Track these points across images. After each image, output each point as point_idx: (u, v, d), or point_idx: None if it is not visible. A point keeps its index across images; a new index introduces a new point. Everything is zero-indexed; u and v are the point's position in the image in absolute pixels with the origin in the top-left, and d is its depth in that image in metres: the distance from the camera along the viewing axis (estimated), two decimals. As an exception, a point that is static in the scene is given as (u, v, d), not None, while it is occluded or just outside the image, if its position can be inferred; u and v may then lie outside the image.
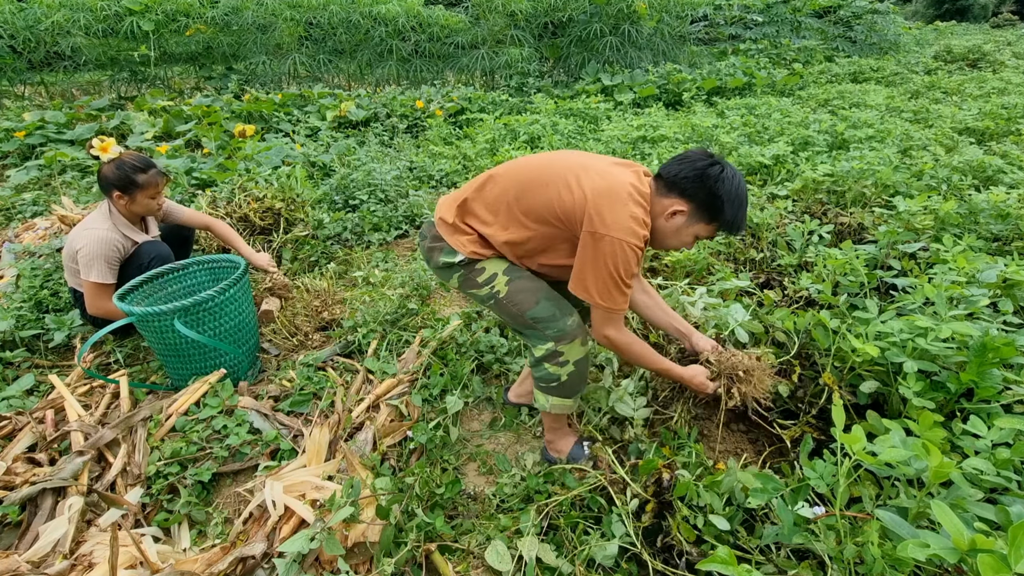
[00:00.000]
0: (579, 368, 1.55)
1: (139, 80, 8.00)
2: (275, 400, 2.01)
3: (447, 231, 1.56)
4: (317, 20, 7.92)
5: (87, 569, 1.39)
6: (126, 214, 2.33)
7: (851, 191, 3.08)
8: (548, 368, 1.54)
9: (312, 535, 1.28)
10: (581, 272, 1.39)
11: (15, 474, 1.63)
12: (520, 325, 1.55)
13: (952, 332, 1.40)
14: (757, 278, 2.49)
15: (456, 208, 1.57)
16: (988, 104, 5.01)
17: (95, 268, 2.16)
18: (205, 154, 4.63)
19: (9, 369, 2.26)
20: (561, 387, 1.57)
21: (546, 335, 1.52)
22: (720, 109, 5.81)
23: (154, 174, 2.30)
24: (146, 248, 2.33)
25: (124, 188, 2.25)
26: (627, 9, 8.15)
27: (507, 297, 1.52)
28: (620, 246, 1.33)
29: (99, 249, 2.17)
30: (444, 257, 1.56)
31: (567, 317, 1.52)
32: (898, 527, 0.94)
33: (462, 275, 1.57)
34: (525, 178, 1.49)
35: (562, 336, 1.51)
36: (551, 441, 1.75)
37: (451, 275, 1.59)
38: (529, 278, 1.55)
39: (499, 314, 1.59)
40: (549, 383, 1.57)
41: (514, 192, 1.48)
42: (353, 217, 3.51)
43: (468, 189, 1.59)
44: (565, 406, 1.62)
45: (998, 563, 0.74)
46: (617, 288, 1.37)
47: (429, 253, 1.61)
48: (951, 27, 16.04)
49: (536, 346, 1.55)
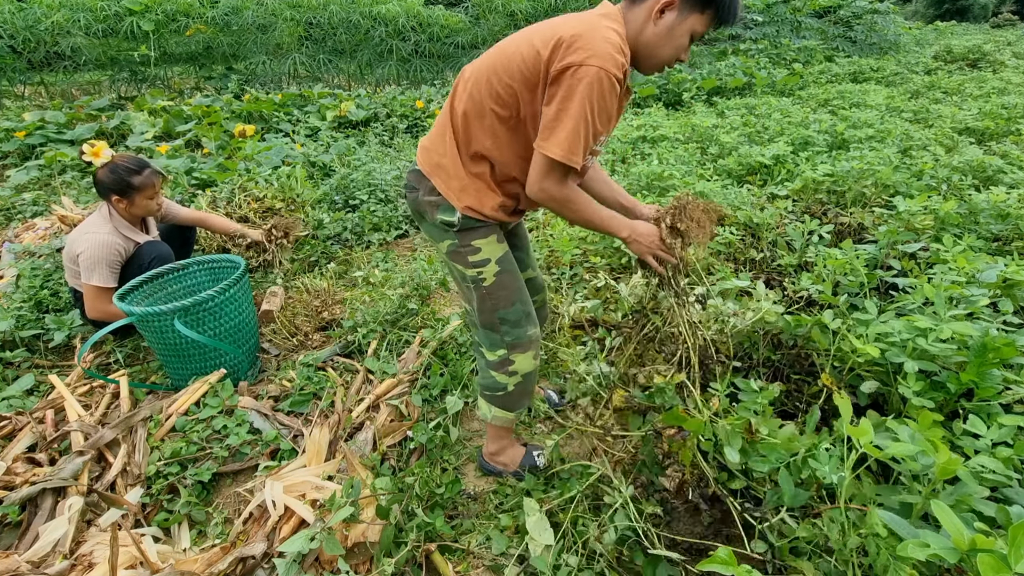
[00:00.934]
0: (526, 381, 1.53)
1: (139, 80, 8.00)
2: (275, 400, 2.01)
3: (441, 175, 1.40)
4: (317, 20, 7.93)
5: (87, 569, 1.39)
6: (126, 216, 2.34)
7: (851, 191, 3.09)
8: (495, 376, 1.52)
9: (312, 535, 1.28)
10: (551, 122, 1.21)
11: (15, 474, 1.63)
12: (485, 321, 1.50)
13: (952, 332, 1.40)
14: (757, 278, 2.49)
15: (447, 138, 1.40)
16: (988, 104, 5.01)
17: (96, 272, 2.16)
18: (205, 154, 4.63)
19: (9, 369, 2.26)
20: (506, 397, 1.54)
21: (504, 340, 1.48)
22: (720, 109, 5.81)
23: (149, 174, 2.29)
24: (147, 248, 2.33)
25: (121, 192, 2.25)
26: (627, 9, 8.14)
27: (489, 288, 1.45)
28: (596, 76, 1.15)
29: (101, 253, 2.17)
30: (442, 215, 1.40)
31: (531, 327, 1.49)
32: (898, 527, 0.93)
33: (454, 244, 1.44)
34: (492, 58, 1.33)
35: (518, 344, 1.48)
36: (494, 453, 1.70)
37: (443, 238, 1.45)
38: (515, 274, 1.49)
39: (471, 300, 1.51)
40: (495, 392, 1.54)
41: (486, 76, 1.31)
42: (353, 217, 3.51)
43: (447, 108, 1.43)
44: (507, 419, 1.60)
45: (998, 563, 0.74)
46: (585, 135, 1.20)
47: (422, 208, 1.45)
48: (951, 27, 16.03)
49: (489, 349, 1.52)
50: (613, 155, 4.23)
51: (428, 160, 1.43)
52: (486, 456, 1.73)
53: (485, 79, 1.30)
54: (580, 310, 2.33)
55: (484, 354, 1.54)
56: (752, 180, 3.66)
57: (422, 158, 1.45)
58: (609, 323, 2.27)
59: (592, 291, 2.44)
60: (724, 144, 4.13)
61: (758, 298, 1.76)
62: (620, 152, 4.28)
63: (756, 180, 3.64)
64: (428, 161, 1.43)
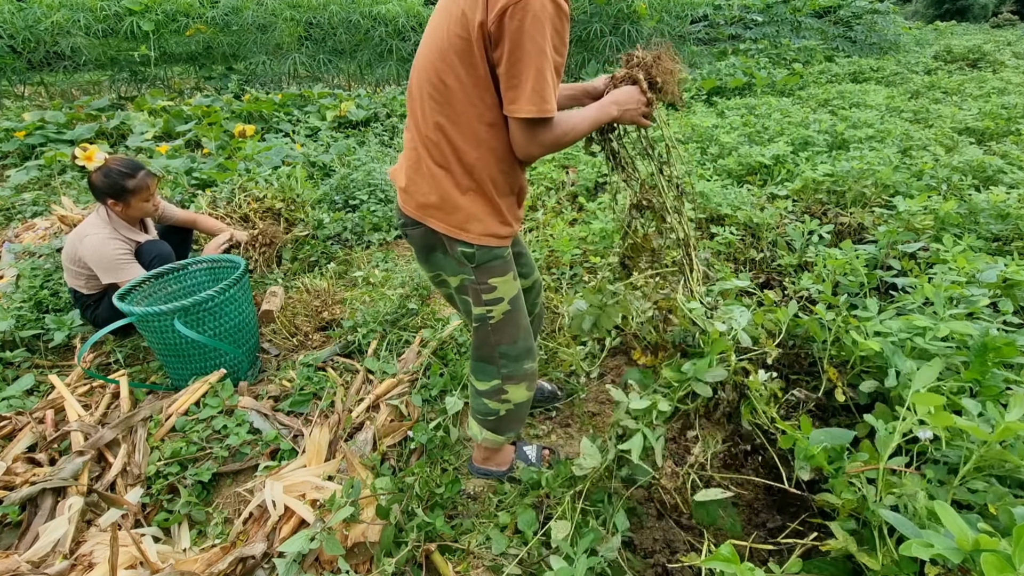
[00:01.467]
0: (519, 409, 1.52)
1: (139, 80, 8.00)
2: (275, 400, 2.01)
3: (437, 215, 1.27)
4: (317, 20, 7.93)
5: (87, 569, 1.39)
6: (125, 219, 2.35)
7: (851, 191, 3.08)
8: (488, 403, 1.50)
9: (312, 535, 1.28)
10: (511, 80, 1.10)
11: (15, 474, 1.63)
12: (483, 354, 1.45)
13: (951, 332, 1.39)
14: (757, 278, 2.49)
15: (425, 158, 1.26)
16: (988, 104, 5.01)
17: (126, 269, 2.21)
18: (205, 154, 4.63)
19: (9, 369, 2.26)
20: (498, 422, 1.53)
21: (500, 372, 1.45)
22: (720, 109, 5.81)
23: (143, 177, 2.28)
24: (147, 247, 2.34)
25: (117, 195, 2.25)
26: (627, 9, 8.15)
27: (495, 326, 1.39)
28: (539, 5, 1.04)
29: (113, 254, 2.21)
30: (462, 247, 1.29)
31: (529, 361, 1.47)
32: (902, 526, 0.93)
33: (470, 280, 1.34)
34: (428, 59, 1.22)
35: (513, 377, 1.45)
36: (487, 458, 1.68)
37: (458, 272, 1.35)
38: (523, 311, 1.43)
39: (473, 332, 1.45)
40: (487, 416, 1.52)
41: (435, 78, 1.19)
42: (353, 217, 3.51)
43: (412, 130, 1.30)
44: (497, 442, 1.59)
45: (1003, 563, 0.74)
46: (551, 76, 1.11)
47: (433, 241, 1.32)
48: (951, 27, 16.03)
49: (481, 380, 1.48)
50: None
51: (413, 203, 1.30)
52: (476, 462, 1.71)
53: (437, 81, 1.18)
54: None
55: (475, 385, 1.51)
56: (752, 180, 3.66)
57: (405, 202, 1.32)
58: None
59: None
60: (724, 144, 4.13)
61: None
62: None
63: (756, 180, 3.64)
64: (414, 204, 1.30)
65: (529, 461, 1.69)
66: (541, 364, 2.18)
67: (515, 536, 1.48)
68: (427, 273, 1.47)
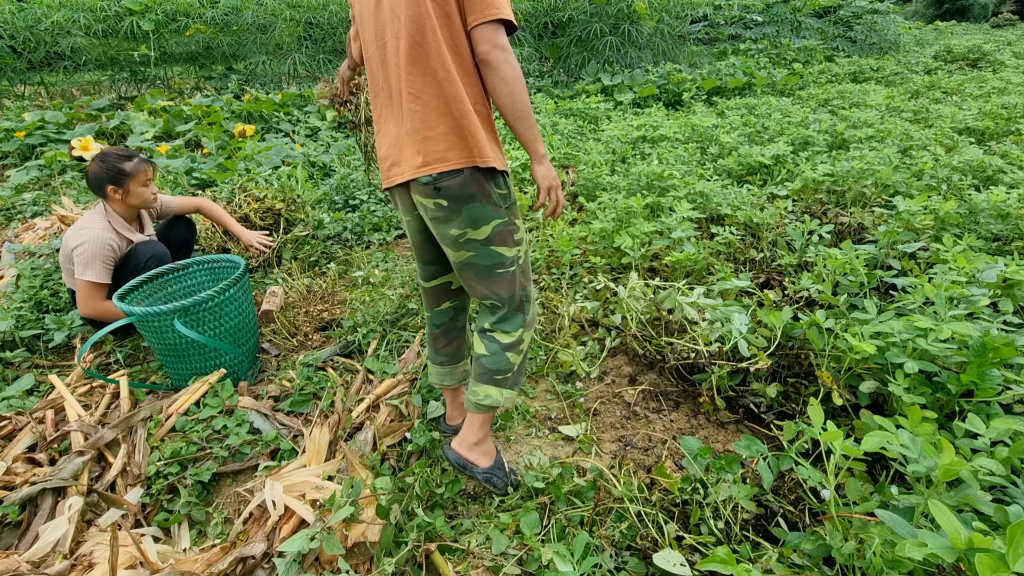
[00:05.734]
0: (525, 357, 1.53)
1: (139, 80, 8.01)
2: (275, 400, 2.01)
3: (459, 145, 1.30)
4: (317, 20, 7.92)
5: (87, 569, 1.39)
6: (123, 211, 2.34)
7: (851, 191, 3.09)
8: (508, 356, 1.47)
9: (312, 534, 1.28)
10: None
11: (15, 474, 1.63)
12: (516, 302, 1.45)
13: (952, 332, 1.40)
14: (757, 278, 2.50)
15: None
16: (988, 104, 5.01)
17: (91, 268, 2.16)
18: (205, 154, 4.63)
19: (9, 369, 2.26)
20: (514, 376, 1.51)
21: (524, 318, 1.46)
22: (720, 109, 5.81)
23: (139, 161, 2.33)
24: (142, 248, 2.32)
25: (116, 180, 2.26)
26: (627, 9, 8.15)
27: (523, 264, 1.42)
28: None
29: (96, 248, 2.17)
30: (496, 187, 1.35)
31: (536, 304, 1.51)
32: (898, 527, 0.94)
33: (502, 224, 1.37)
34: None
35: (529, 321, 1.49)
36: (479, 441, 1.56)
37: (492, 218, 1.35)
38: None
39: (502, 283, 1.42)
40: (504, 374, 1.48)
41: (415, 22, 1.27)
42: (353, 217, 3.51)
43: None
44: (513, 397, 1.55)
45: (996, 562, 0.74)
46: None
47: (471, 189, 1.31)
48: (951, 27, 16.02)
49: (507, 332, 1.47)
50: (613, 155, 4.23)
51: (435, 158, 1.29)
52: (465, 447, 1.56)
53: (414, 32, 1.26)
54: (580, 310, 2.34)
55: (499, 338, 1.47)
56: (752, 180, 3.66)
57: (427, 164, 1.30)
58: (609, 324, 2.27)
59: (592, 292, 2.44)
60: (724, 144, 4.13)
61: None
62: (620, 152, 4.28)
63: (756, 180, 3.64)
64: (435, 159, 1.29)
65: (504, 470, 1.60)
66: (541, 365, 2.18)
67: (515, 536, 1.48)
68: (445, 240, 1.39)
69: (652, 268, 2.69)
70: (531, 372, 2.16)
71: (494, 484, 1.56)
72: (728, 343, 1.82)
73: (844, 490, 1.25)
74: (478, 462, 1.56)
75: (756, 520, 1.36)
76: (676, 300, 2.02)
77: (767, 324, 1.83)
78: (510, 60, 1.24)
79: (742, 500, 1.31)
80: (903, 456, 1.05)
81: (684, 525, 1.38)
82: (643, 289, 2.23)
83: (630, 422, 1.89)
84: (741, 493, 1.31)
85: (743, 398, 1.81)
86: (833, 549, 1.07)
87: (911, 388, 1.40)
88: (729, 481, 1.34)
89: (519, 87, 1.26)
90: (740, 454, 1.32)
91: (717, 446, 1.76)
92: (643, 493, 1.48)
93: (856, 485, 1.18)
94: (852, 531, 1.08)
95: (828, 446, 1.12)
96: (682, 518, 1.40)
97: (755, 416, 1.78)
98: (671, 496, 1.43)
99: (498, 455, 1.61)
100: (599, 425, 1.90)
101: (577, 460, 1.73)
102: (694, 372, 1.95)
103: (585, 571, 1.18)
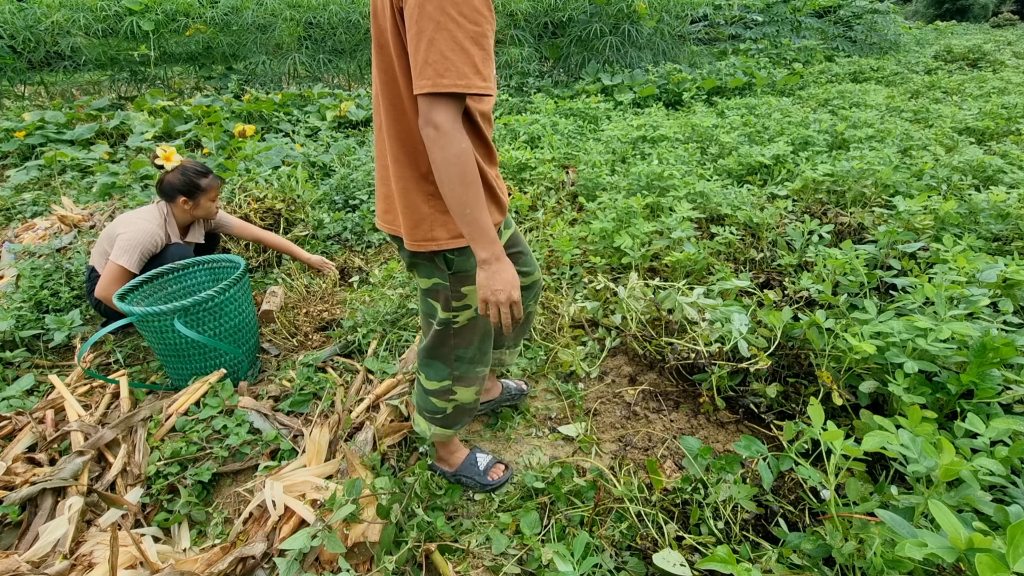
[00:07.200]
0: (466, 406, 1.52)
1: (139, 80, 8.00)
2: (275, 400, 2.01)
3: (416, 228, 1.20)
4: (317, 20, 7.92)
5: (87, 569, 1.39)
6: (182, 218, 2.44)
7: (851, 191, 3.09)
8: (435, 401, 1.49)
9: (313, 533, 1.28)
10: (416, 52, 0.97)
11: (15, 474, 1.63)
12: (437, 355, 1.43)
13: (952, 332, 1.40)
14: (757, 278, 2.50)
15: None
16: (988, 104, 5.01)
17: (129, 255, 2.21)
18: (205, 154, 4.63)
19: (9, 369, 2.26)
20: (445, 419, 1.53)
21: (452, 373, 1.43)
22: (720, 109, 5.81)
23: (213, 178, 2.45)
24: (172, 251, 2.37)
25: (190, 193, 2.38)
26: (627, 9, 8.15)
27: (458, 330, 1.37)
28: None
29: (142, 239, 2.24)
30: (443, 263, 1.26)
31: (482, 366, 1.46)
32: (898, 527, 0.94)
33: (442, 286, 1.30)
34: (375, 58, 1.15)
35: (464, 379, 1.45)
36: (442, 458, 1.70)
37: (433, 275, 1.31)
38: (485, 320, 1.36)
39: (432, 332, 1.39)
40: (434, 414, 1.52)
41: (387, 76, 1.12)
42: (353, 217, 3.51)
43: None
44: (446, 435, 1.59)
45: (996, 562, 0.74)
46: (468, 44, 0.95)
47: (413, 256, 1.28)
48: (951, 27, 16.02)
49: (430, 378, 1.46)
50: (613, 155, 4.23)
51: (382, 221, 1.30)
52: (433, 456, 1.73)
53: (390, 79, 1.11)
54: (580, 310, 2.34)
55: (423, 383, 1.49)
56: (752, 180, 3.66)
57: (379, 216, 1.31)
58: (609, 324, 2.27)
59: (592, 292, 2.44)
60: (724, 144, 4.13)
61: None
62: (620, 152, 4.28)
63: (756, 180, 3.64)
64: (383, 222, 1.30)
65: (476, 471, 1.66)
66: (541, 365, 2.18)
67: (515, 536, 1.48)
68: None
69: (652, 268, 2.69)
70: (531, 372, 2.16)
71: (465, 484, 1.67)
72: (728, 343, 1.82)
73: (844, 490, 1.26)
74: (445, 468, 1.69)
75: (756, 520, 1.36)
76: (676, 300, 2.02)
77: (767, 324, 1.83)
78: (441, 141, 0.99)
79: (742, 500, 1.31)
80: (903, 456, 1.05)
81: (684, 525, 1.38)
82: (643, 289, 2.24)
83: (630, 422, 1.89)
84: (741, 493, 1.31)
85: (743, 398, 1.81)
86: (833, 549, 1.07)
87: (911, 388, 1.40)
88: (729, 481, 1.34)
89: (451, 176, 1.02)
90: (740, 454, 1.32)
91: (717, 446, 1.76)
92: (643, 493, 1.48)
93: (856, 485, 1.18)
94: (852, 531, 1.08)
95: (828, 446, 1.11)
96: (682, 518, 1.40)
97: (755, 416, 1.79)
98: (671, 496, 1.43)
99: (468, 459, 1.68)
100: (599, 425, 1.90)
101: (577, 460, 1.73)
102: (694, 372, 1.95)
103: (585, 571, 1.18)
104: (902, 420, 1.13)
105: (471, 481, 1.65)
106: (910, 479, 1.14)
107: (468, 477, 1.66)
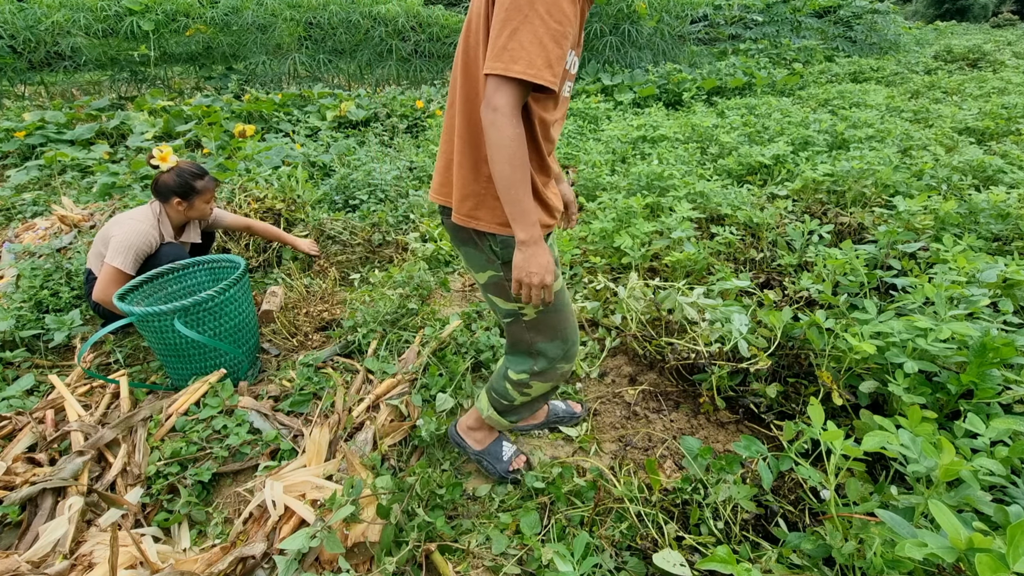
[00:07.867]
0: (534, 401, 1.52)
1: (139, 80, 8.01)
2: (275, 400, 2.01)
3: (468, 203, 1.23)
4: (317, 20, 7.93)
5: (87, 569, 1.39)
6: (176, 218, 2.43)
7: (851, 191, 3.09)
8: (509, 389, 1.48)
9: (313, 533, 1.28)
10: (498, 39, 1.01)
11: (15, 474, 1.63)
12: (520, 348, 1.43)
13: (952, 332, 1.40)
14: (757, 278, 2.50)
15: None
16: (988, 104, 5.01)
17: (123, 256, 2.21)
18: (205, 154, 4.63)
19: (9, 369, 2.26)
20: (510, 408, 1.54)
21: (533, 368, 1.42)
22: (720, 109, 5.82)
23: (209, 180, 2.44)
24: (166, 251, 2.37)
25: (184, 194, 2.37)
26: (627, 9, 8.15)
27: (530, 323, 1.36)
28: None
29: (136, 240, 2.24)
30: (492, 241, 1.26)
31: (565, 364, 1.43)
32: (898, 527, 0.94)
33: (497, 277, 1.30)
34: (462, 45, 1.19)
35: (544, 375, 1.42)
36: (474, 429, 1.67)
37: (486, 268, 1.31)
38: (563, 311, 1.36)
39: (507, 326, 1.41)
40: (501, 399, 1.52)
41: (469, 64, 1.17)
42: (353, 217, 3.51)
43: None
44: (500, 424, 1.59)
45: (996, 562, 0.74)
46: (547, 41, 0.99)
47: (466, 234, 1.29)
48: (951, 27, 16.03)
49: (515, 369, 1.45)
50: (613, 155, 4.23)
51: (438, 193, 1.31)
52: (461, 427, 1.71)
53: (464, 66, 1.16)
54: (580, 310, 2.34)
55: (508, 370, 1.47)
56: (752, 180, 3.66)
57: (433, 190, 1.33)
58: (609, 324, 2.27)
59: (592, 292, 2.44)
60: (724, 144, 4.13)
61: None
62: (620, 152, 4.28)
63: (756, 180, 3.64)
64: (440, 194, 1.30)
65: (499, 457, 1.67)
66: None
67: (515, 536, 1.48)
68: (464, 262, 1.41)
69: (652, 268, 2.69)
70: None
71: (484, 467, 1.67)
72: (728, 343, 1.82)
73: (844, 490, 1.26)
74: (471, 444, 1.68)
75: (756, 520, 1.36)
76: (676, 300, 2.02)
77: (767, 324, 1.83)
78: (498, 123, 1.03)
79: (742, 500, 1.31)
80: (903, 456, 1.05)
81: (684, 525, 1.38)
82: (643, 289, 2.24)
83: (630, 422, 1.89)
84: (741, 493, 1.31)
85: (743, 398, 1.81)
86: (833, 549, 1.07)
87: (911, 388, 1.40)
88: (729, 481, 1.34)
89: (501, 157, 1.07)
90: (740, 454, 1.32)
91: (717, 446, 1.76)
92: (643, 493, 1.48)
93: (856, 485, 1.18)
94: (852, 531, 1.08)
95: (828, 446, 1.11)
96: (682, 518, 1.40)
97: (755, 416, 1.79)
98: (671, 496, 1.43)
99: (494, 445, 1.68)
100: (599, 425, 1.90)
101: (577, 460, 1.73)
102: (694, 372, 1.95)
103: (585, 571, 1.18)
104: (902, 420, 1.13)
105: (491, 466, 1.66)
106: (910, 479, 1.14)
107: (489, 462, 1.66)
